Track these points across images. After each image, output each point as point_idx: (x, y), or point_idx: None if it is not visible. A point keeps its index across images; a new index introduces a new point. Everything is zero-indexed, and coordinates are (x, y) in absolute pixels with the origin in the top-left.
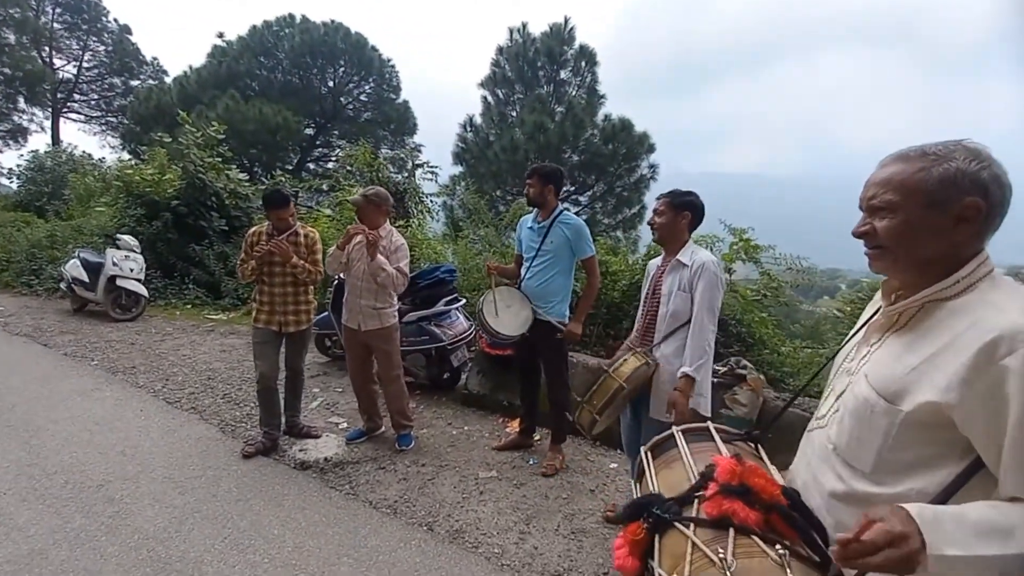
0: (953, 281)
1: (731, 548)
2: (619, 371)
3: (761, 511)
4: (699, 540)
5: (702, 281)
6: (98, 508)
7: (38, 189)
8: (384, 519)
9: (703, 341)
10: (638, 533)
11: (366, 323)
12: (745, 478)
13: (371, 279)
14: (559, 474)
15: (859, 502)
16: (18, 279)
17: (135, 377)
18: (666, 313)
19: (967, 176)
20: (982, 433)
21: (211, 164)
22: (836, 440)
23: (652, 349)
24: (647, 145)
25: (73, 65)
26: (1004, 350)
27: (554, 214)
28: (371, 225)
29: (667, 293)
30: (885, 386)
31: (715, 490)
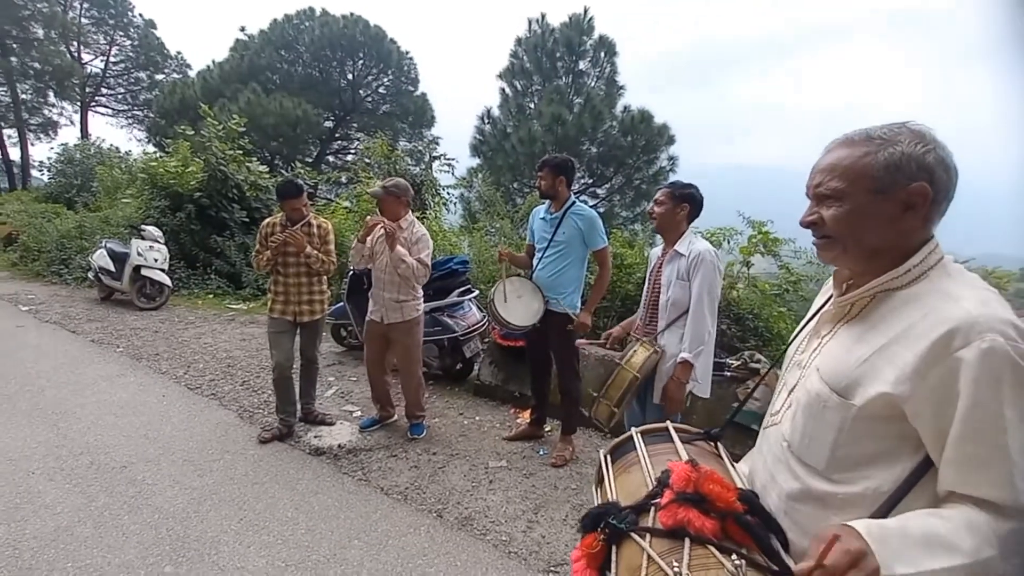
0: (904, 270)
1: (686, 560)
2: (631, 362)
3: (717, 519)
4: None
5: (699, 271)
6: (121, 488)
7: (68, 181)
8: (395, 505)
9: (701, 329)
10: (594, 546)
11: (389, 316)
12: (700, 485)
13: (393, 271)
14: (569, 465)
15: (815, 501)
16: (48, 269)
17: (158, 364)
18: (666, 302)
19: (913, 160)
20: (930, 426)
21: (232, 156)
22: (790, 437)
23: (656, 337)
24: (667, 137)
25: (100, 60)
26: (959, 342)
27: (566, 205)
28: (392, 216)
29: (666, 283)
30: (836, 380)
31: (671, 498)
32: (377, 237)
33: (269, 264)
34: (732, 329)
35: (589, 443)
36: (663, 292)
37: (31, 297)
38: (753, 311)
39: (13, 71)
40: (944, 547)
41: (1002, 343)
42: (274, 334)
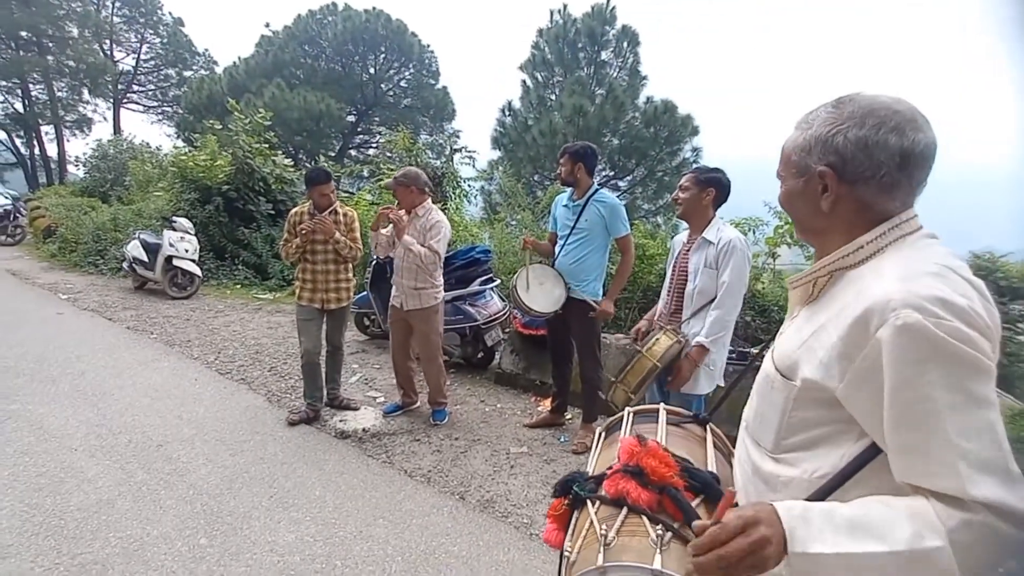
0: (855, 247)
1: (617, 526)
2: (652, 350)
3: (655, 492)
4: (597, 518)
5: (730, 259)
6: (158, 465)
7: (102, 176)
8: (418, 486)
9: (726, 317)
10: (559, 508)
11: (408, 302)
12: (640, 459)
13: (415, 261)
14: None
15: (762, 480)
16: (85, 260)
17: (190, 350)
18: (693, 290)
19: (819, 143)
20: (866, 413)
21: (258, 150)
22: (747, 416)
23: (681, 326)
24: (691, 128)
25: (131, 57)
26: (876, 321)
27: (589, 192)
28: (407, 205)
29: (693, 270)
30: (782, 360)
31: (617, 469)
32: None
33: (298, 252)
34: (756, 321)
35: None
36: (690, 280)
37: (69, 286)
38: (778, 303)
39: (50, 69)
40: (872, 533)
41: (918, 319)
42: (302, 321)
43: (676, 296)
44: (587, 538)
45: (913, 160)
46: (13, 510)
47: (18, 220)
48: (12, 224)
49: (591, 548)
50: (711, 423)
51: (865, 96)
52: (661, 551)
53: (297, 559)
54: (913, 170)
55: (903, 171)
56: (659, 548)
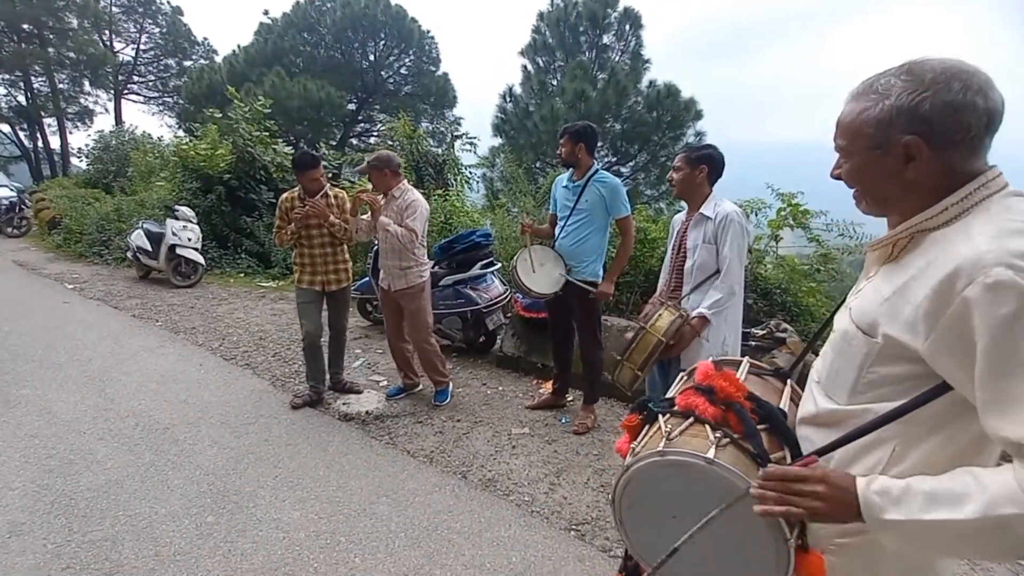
0: (940, 209)
1: (681, 428)
2: (656, 326)
3: (720, 408)
4: (665, 424)
5: (728, 232)
6: (165, 447)
7: (104, 167)
8: (421, 466)
9: (727, 288)
10: (633, 421)
11: (394, 283)
12: (713, 380)
13: (395, 242)
14: (590, 432)
15: (823, 422)
16: (90, 250)
17: (195, 336)
18: (692, 266)
19: (903, 113)
20: (954, 369)
21: (259, 138)
22: (819, 372)
23: (680, 301)
24: (694, 112)
25: (131, 48)
26: (963, 282)
27: (589, 173)
28: (383, 187)
29: (692, 247)
30: (862, 317)
31: (689, 387)
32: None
33: (292, 238)
34: (759, 304)
35: (611, 412)
36: (688, 256)
37: (75, 276)
38: (780, 286)
39: (51, 61)
40: (950, 500)
41: (1010, 276)
42: (303, 304)
43: (676, 273)
44: (653, 437)
45: (996, 119)
46: (25, 490)
47: (23, 212)
48: (17, 216)
49: (656, 440)
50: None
51: (936, 60)
52: (717, 448)
53: (302, 535)
54: (995, 129)
55: (989, 132)
56: (715, 445)
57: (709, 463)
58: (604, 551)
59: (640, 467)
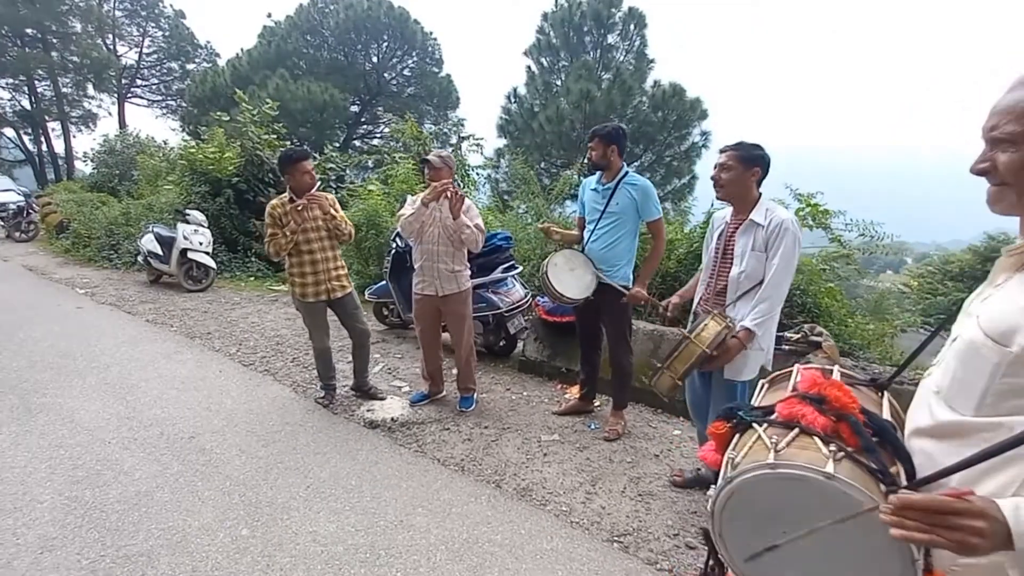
0: None
1: (788, 439)
2: (700, 336)
3: (831, 418)
4: (768, 435)
5: (782, 242)
6: (192, 457)
7: (110, 171)
8: (453, 475)
9: (774, 301)
10: (721, 428)
11: (445, 287)
12: (823, 389)
13: (448, 241)
14: (622, 439)
15: (945, 434)
16: (99, 254)
17: (211, 342)
18: (740, 274)
19: None
20: None
21: (267, 141)
22: (940, 383)
23: (725, 310)
24: (699, 111)
25: (134, 52)
26: None
27: (619, 175)
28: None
29: (740, 254)
30: (995, 326)
31: (791, 395)
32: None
33: (291, 243)
34: None
35: (640, 417)
36: (735, 264)
37: (86, 281)
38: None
39: (54, 65)
40: None
41: None
42: (313, 319)
43: (719, 278)
44: (754, 447)
45: None
46: (54, 503)
47: (31, 216)
48: (25, 220)
49: (759, 452)
50: (888, 390)
51: None
52: (834, 462)
53: (340, 549)
54: None
55: None
56: (832, 459)
57: (828, 478)
58: (650, 563)
59: (746, 479)
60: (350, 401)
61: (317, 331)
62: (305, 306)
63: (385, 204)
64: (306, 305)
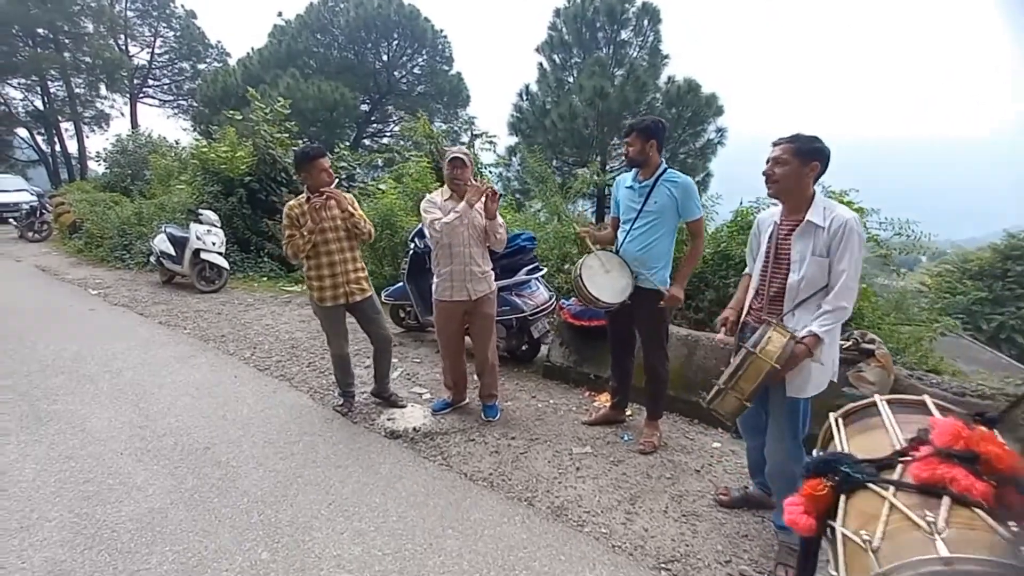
0: None
1: (943, 514)
2: (766, 351)
3: (991, 484)
4: (903, 504)
5: (847, 245)
6: (207, 470)
7: (122, 171)
8: (482, 492)
9: (841, 306)
10: (820, 488)
11: (476, 288)
12: (974, 444)
13: (478, 242)
14: (658, 452)
15: None
16: (111, 254)
17: (225, 345)
18: (798, 282)
19: None
20: None
21: (279, 140)
22: None
23: (783, 319)
24: (715, 107)
25: (146, 52)
26: None
27: (658, 172)
28: (466, 184)
29: (798, 259)
30: None
31: (929, 452)
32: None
33: (308, 243)
34: None
35: (675, 428)
36: (793, 270)
37: (99, 281)
38: None
39: (67, 66)
40: None
41: None
42: (331, 324)
43: (774, 285)
44: (892, 524)
45: None
46: (63, 521)
47: (44, 216)
48: (39, 220)
49: (910, 536)
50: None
51: None
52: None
53: None
54: None
55: None
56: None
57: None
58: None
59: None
60: (369, 409)
61: (335, 337)
62: (323, 311)
63: (400, 203)
64: (324, 310)
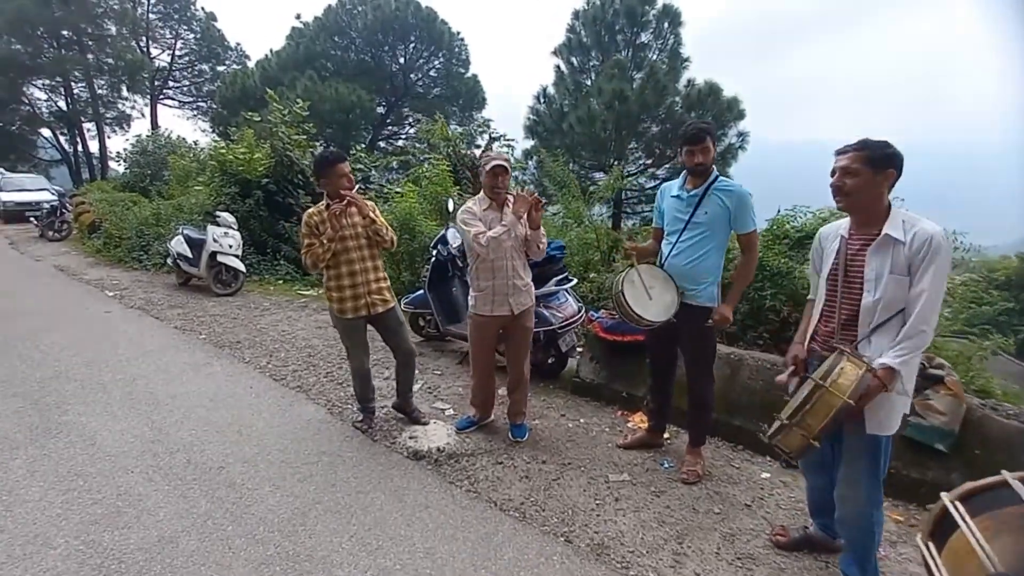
0: None
1: None
2: (838, 384)
3: None
4: None
5: (932, 263)
6: (221, 493)
7: (142, 171)
8: (515, 525)
9: (925, 337)
10: None
11: (521, 302)
12: None
13: (519, 253)
14: (702, 481)
15: None
16: (129, 255)
17: (241, 352)
18: (874, 303)
19: None
20: None
21: (297, 142)
22: None
23: (857, 346)
24: (736, 111)
25: (167, 54)
26: None
27: (709, 180)
28: (506, 191)
29: (874, 277)
30: None
31: None
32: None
33: (328, 251)
34: None
35: (717, 454)
36: (868, 291)
37: (115, 283)
38: None
39: (90, 67)
40: None
41: None
42: (353, 337)
43: (845, 308)
44: None
45: None
46: (69, 548)
47: (64, 215)
48: (59, 220)
49: None
50: None
51: None
52: None
53: None
54: None
55: None
56: None
57: None
58: None
59: None
60: (390, 425)
61: (356, 350)
62: (343, 323)
63: (418, 207)
64: (344, 322)
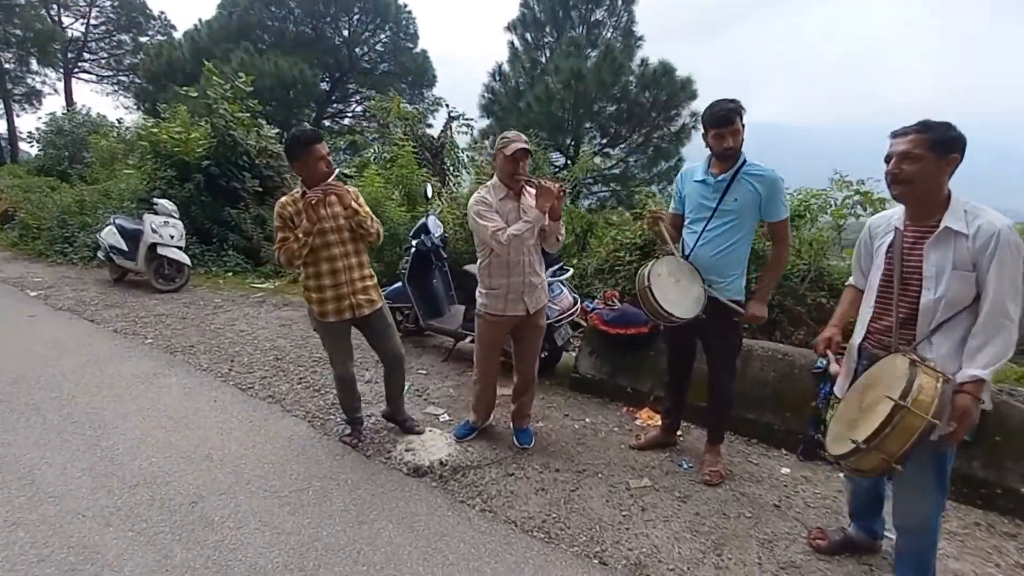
0: None
1: None
2: (920, 402)
3: None
4: None
5: (1001, 255)
6: (198, 535)
7: (58, 153)
8: (543, 549)
9: (1008, 336)
10: None
11: (537, 300)
12: None
13: (536, 248)
14: (725, 482)
15: None
16: (51, 248)
17: (196, 358)
18: (936, 300)
19: None
20: None
21: (240, 120)
22: None
23: (916, 347)
24: (689, 91)
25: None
26: None
27: (738, 163)
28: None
29: (935, 273)
30: None
31: None
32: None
33: (305, 246)
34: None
35: (734, 450)
36: (931, 287)
37: (38, 280)
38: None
39: None
40: None
41: None
42: (335, 342)
43: (903, 307)
44: None
45: None
46: None
47: None
48: None
49: None
50: None
51: None
52: None
53: None
54: None
55: None
56: None
57: None
58: None
59: None
60: (382, 437)
61: (339, 356)
62: (324, 327)
63: (387, 192)
64: (325, 326)
